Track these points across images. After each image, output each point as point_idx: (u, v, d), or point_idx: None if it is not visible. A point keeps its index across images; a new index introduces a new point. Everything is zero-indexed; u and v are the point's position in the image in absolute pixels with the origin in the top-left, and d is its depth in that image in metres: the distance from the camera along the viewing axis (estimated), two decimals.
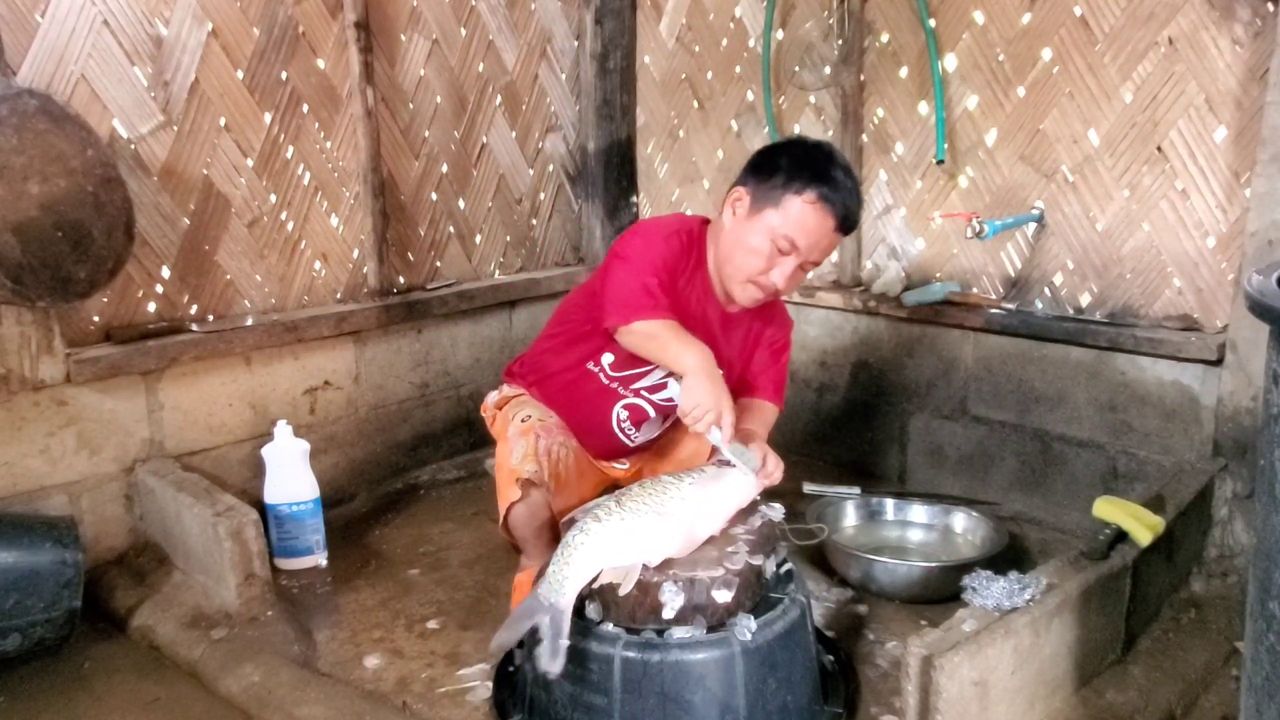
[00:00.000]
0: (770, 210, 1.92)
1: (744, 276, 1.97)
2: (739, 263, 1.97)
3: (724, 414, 1.82)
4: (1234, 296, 2.30)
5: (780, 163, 1.94)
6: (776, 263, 1.94)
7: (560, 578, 1.62)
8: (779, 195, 1.91)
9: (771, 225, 1.92)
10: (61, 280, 2.06)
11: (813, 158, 1.94)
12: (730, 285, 2.02)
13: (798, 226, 1.91)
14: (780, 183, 1.91)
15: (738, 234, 1.97)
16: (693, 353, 1.87)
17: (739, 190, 1.98)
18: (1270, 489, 1.15)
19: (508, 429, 2.14)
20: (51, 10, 2.19)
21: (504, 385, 2.34)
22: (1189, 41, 2.29)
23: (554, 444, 2.08)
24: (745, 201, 1.96)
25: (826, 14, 2.90)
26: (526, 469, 2.01)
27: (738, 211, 1.98)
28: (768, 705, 1.64)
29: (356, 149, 2.77)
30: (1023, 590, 1.71)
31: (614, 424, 2.20)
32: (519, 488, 2.00)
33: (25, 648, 2.00)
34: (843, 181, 1.93)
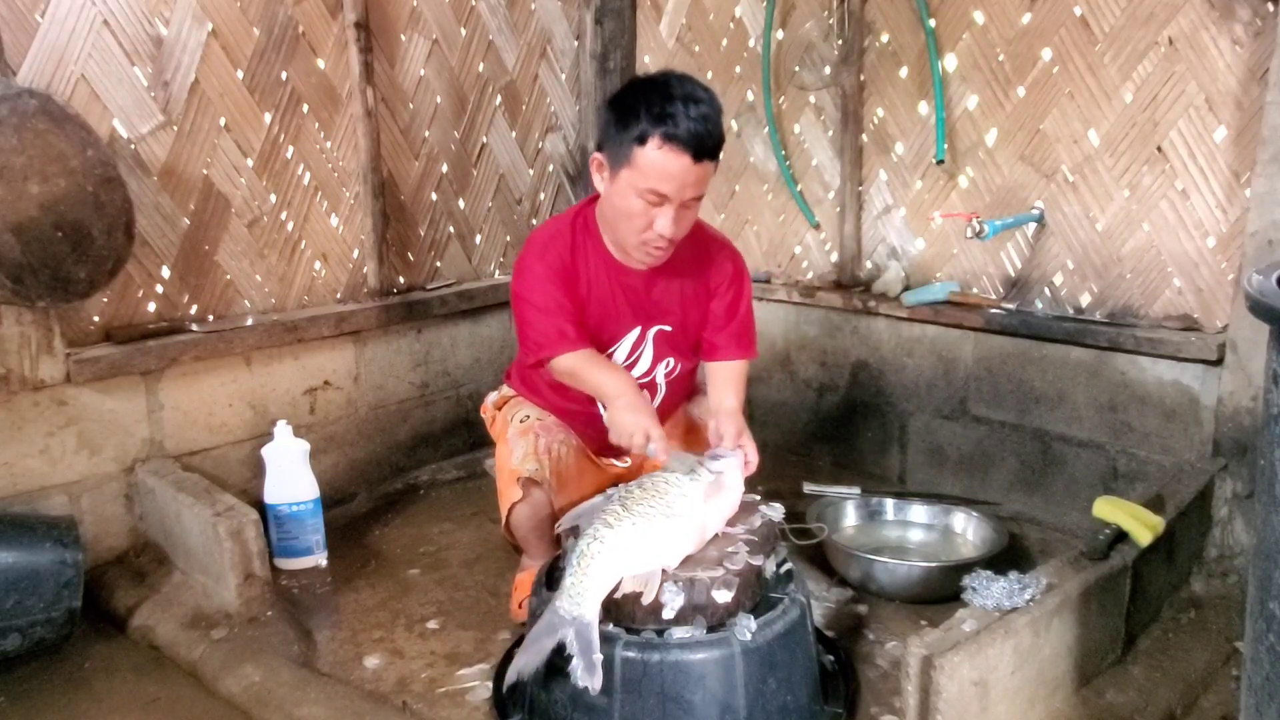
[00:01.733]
0: (625, 170, 1.85)
1: (633, 240, 1.93)
2: (621, 229, 1.93)
3: (650, 430, 1.83)
4: (1234, 296, 2.30)
5: (620, 115, 1.84)
6: (654, 215, 1.87)
7: (580, 590, 1.56)
8: (627, 152, 1.83)
9: (632, 184, 1.84)
10: (61, 280, 2.06)
11: (647, 99, 1.82)
12: (627, 252, 1.98)
13: (657, 177, 1.82)
14: (625, 139, 1.82)
15: (609, 202, 1.92)
16: (610, 381, 1.91)
17: (596, 156, 1.92)
18: (1270, 489, 1.15)
19: (507, 430, 2.14)
20: (51, 10, 2.19)
21: (503, 386, 2.35)
22: (1189, 41, 2.29)
23: (554, 442, 2.08)
24: (605, 165, 1.90)
25: (826, 14, 2.90)
26: (527, 468, 2.01)
27: (603, 177, 1.92)
28: (768, 705, 1.64)
29: (356, 149, 2.77)
30: (1023, 590, 1.71)
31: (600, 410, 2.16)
32: (520, 487, 2.00)
33: (25, 648, 2.00)
34: (683, 112, 1.80)
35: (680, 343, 2.15)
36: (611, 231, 1.99)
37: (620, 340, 2.11)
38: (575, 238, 2.04)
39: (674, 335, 2.13)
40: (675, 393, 2.25)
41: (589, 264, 2.04)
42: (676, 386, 2.24)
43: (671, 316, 2.10)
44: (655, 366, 2.16)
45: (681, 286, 2.10)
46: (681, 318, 2.12)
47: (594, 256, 2.05)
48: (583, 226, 2.06)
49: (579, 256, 2.04)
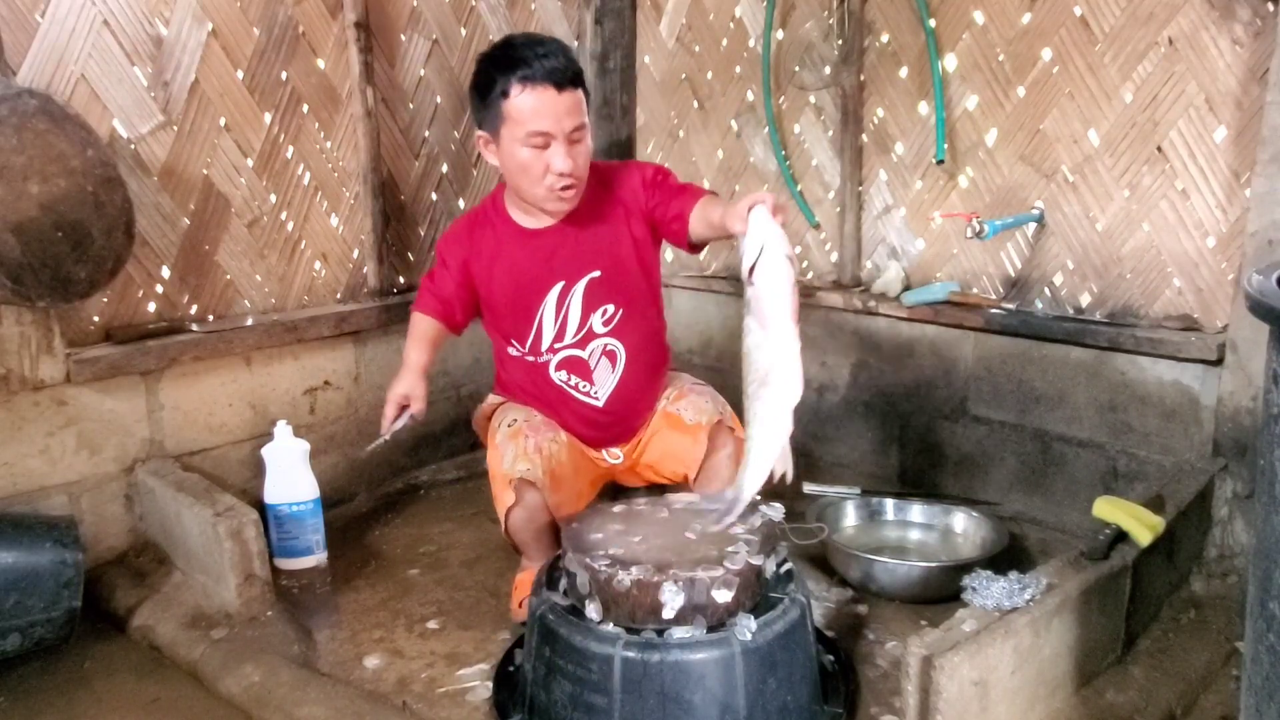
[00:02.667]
0: (504, 128, 1.96)
1: (539, 190, 2.00)
2: (525, 184, 2.01)
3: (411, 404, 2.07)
4: (1234, 296, 2.30)
5: (480, 86, 2.00)
6: (548, 159, 1.95)
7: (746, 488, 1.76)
8: (498, 111, 1.95)
9: (514, 136, 1.95)
10: (61, 280, 2.06)
11: (495, 61, 1.97)
12: (542, 206, 2.06)
13: (530, 116, 1.92)
14: (491, 102, 1.96)
15: (506, 167, 2.03)
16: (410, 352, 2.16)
17: (478, 134, 2.06)
18: (1270, 489, 1.15)
19: (495, 437, 2.14)
20: (51, 10, 2.19)
21: (490, 395, 2.36)
22: (1189, 41, 2.29)
23: (543, 440, 2.07)
24: (488, 138, 2.03)
25: (826, 14, 2.90)
26: (519, 469, 2.01)
27: (490, 149, 2.04)
28: (768, 705, 1.64)
29: (356, 149, 2.78)
30: (1023, 590, 1.71)
31: (567, 390, 2.19)
32: (513, 491, 2.00)
33: (25, 648, 2.00)
34: (532, 54, 1.93)
35: (616, 284, 2.15)
36: (520, 194, 2.07)
37: (544, 300, 2.14)
38: (480, 216, 2.20)
39: (606, 278, 2.14)
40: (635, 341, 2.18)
41: (494, 236, 2.16)
42: (629, 333, 2.17)
43: (600, 260, 2.13)
44: (588, 317, 2.15)
45: (598, 230, 2.13)
46: (611, 260, 2.14)
47: (500, 229, 2.16)
48: (490, 206, 2.20)
49: (481, 232, 2.17)
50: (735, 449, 2.10)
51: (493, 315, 2.22)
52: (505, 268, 2.13)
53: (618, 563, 1.65)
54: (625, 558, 1.67)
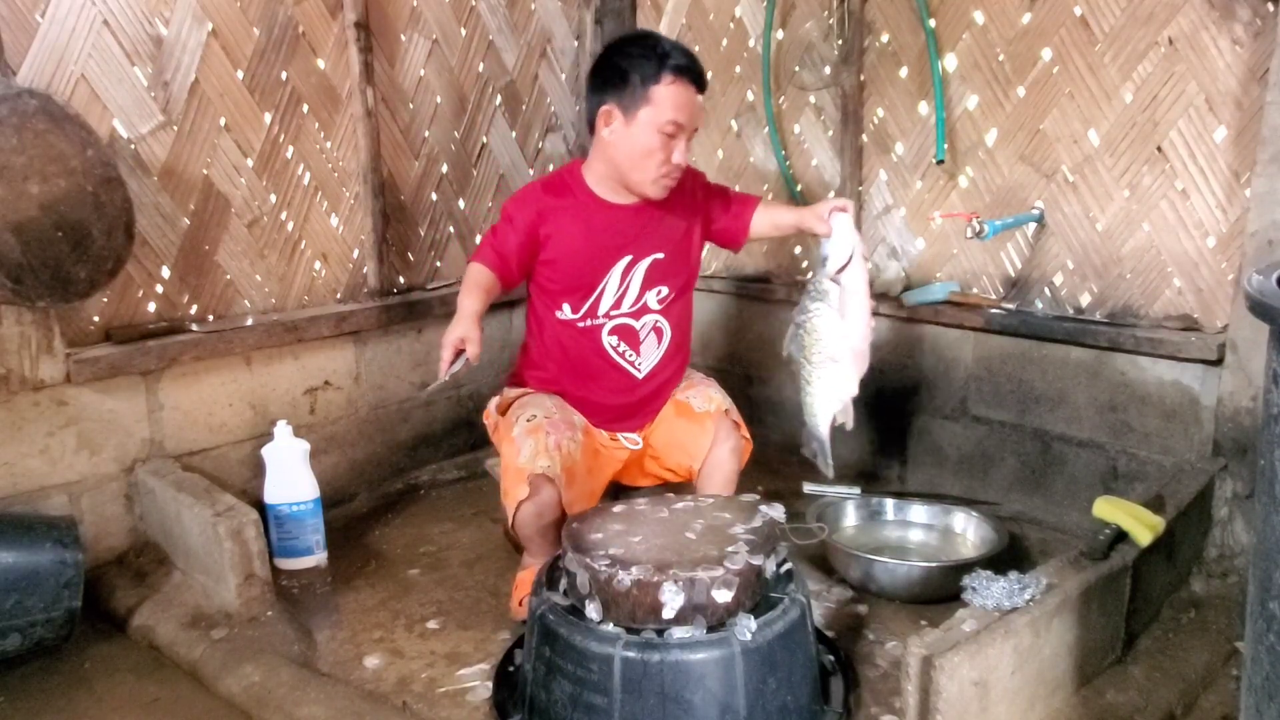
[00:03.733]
0: (644, 110, 2.07)
1: (651, 176, 2.13)
2: (640, 167, 2.12)
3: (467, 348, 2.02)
4: (1234, 296, 2.30)
5: (626, 66, 2.09)
6: (672, 148, 2.10)
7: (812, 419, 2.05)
8: (644, 92, 2.07)
9: (653, 121, 2.07)
10: (61, 280, 2.06)
11: (648, 46, 2.10)
12: (643, 189, 2.17)
13: (674, 108, 2.07)
14: (638, 82, 2.07)
15: (626, 144, 2.12)
16: (465, 300, 2.10)
17: (605, 108, 2.12)
18: (1270, 489, 1.15)
19: (512, 430, 2.14)
20: (51, 10, 2.19)
21: (505, 389, 2.35)
22: (1189, 41, 2.29)
23: (563, 438, 2.10)
24: (616, 114, 2.11)
25: (826, 14, 2.90)
26: (539, 464, 2.03)
27: (614, 126, 2.12)
28: (768, 705, 1.64)
29: (356, 149, 2.78)
30: (1023, 590, 1.71)
31: (613, 355, 2.26)
32: (528, 485, 2.01)
33: (25, 648, 2.00)
34: (675, 49, 2.11)
35: (674, 268, 2.29)
36: (628, 173, 2.15)
37: (611, 269, 2.23)
38: (557, 183, 2.26)
39: (667, 262, 2.27)
40: (679, 331, 2.34)
41: (572, 203, 2.23)
42: (676, 314, 2.32)
43: (665, 245, 2.27)
44: (645, 293, 2.26)
45: (666, 217, 2.27)
46: (674, 245, 2.29)
47: (580, 197, 2.23)
48: (567, 175, 2.28)
49: (557, 198, 2.23)
50: (738, 444, 2.25)
51: (553, 276, 2.24)
52: (580, 232, 2.21)
53: (618, 563, 1.65)
54: (625, 558, 1.67)
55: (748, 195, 2.41)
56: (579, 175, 2.26)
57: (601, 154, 2.19)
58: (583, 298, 2.23)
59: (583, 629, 1.65)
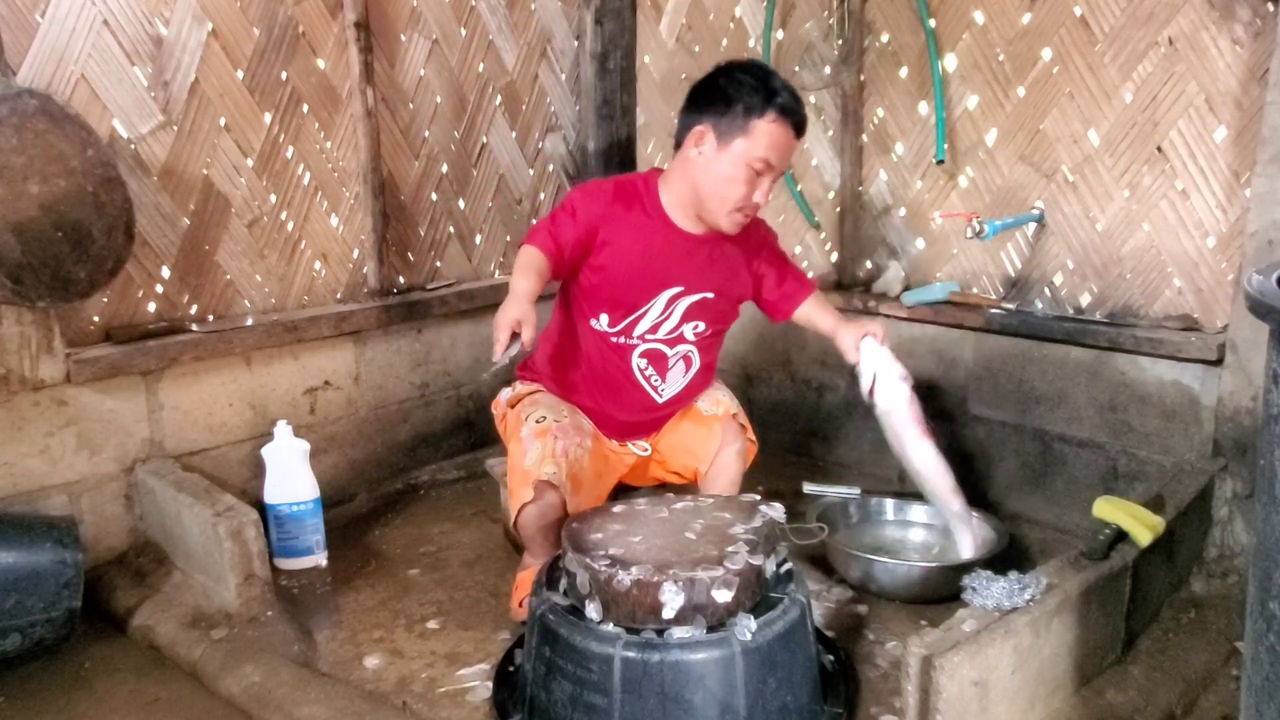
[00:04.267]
0: (739, 139, 2.01)
1: (729, 207, 2.07)
2: (722, 194, 2.06)
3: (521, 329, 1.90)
4: (1234, 296, 2.30)
5: (731, 92, 2.02)
6: (756, 185, 2.05)
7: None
8: (744, 123, 2.00)
9: (745, 153, 2.01)
10: (61, 280, 2.06)
11: (759, 78, 2.03)
12: (716, 220, 2.11)
13: (769, 147, 2.02)
14: (740, 111, 2.00)
15: (712, 170, 2.05)
16: (520, 281, 2.00)
17: (699, 128, 2.05)
18: (1270, 489, 1.15)
19: (520, 429, 2.14)
20: (51, 10, 2.19)
21: (517, 383, 2.34)
22: (1189, 41, 2.29)
23: (571, 445, 2.09)
24: (710, 137, 2.04)
25: (826, 14, 2.90)
26: (545, 471, 2.02)
27: (704, 149, 2.05)
28: (768, 705, 1.64)
29: (356, 149, 2.78)
30: (1023, 590, 1.71)
31: (638, 377, 2.22)
32: (533, 489, 2.01)
33: (25, 648, 2.00)
34: (786, 89, 2.05)
35: (715, 310, 2.25)
36: (706, 199, 2.09)
37: (658, 295, 2.17)
38: (629, 190, 2.18)
39: (713, 303, 2.23)
40: (707, 362, 2.30)
41: (641, 215, 2.15)
42: (708, 355, 2.30)
43: (717, 287, 2.22)
44: (682, 325, 2.22)
45: (725, 259, 2.23)
46: (724, 288, 2.24)
47: (649, 211, 2.16)
48: (641, 185, 2.19)
49: (626, 205, 2.15)
50: (743, 447, 2.27)
51: (599, 284, 2.16)
52: (640, 249, 2.14)
53: (618, 563, 1.65)
54: (625, 558, 1.67)
55: (804, 279, 2.35)
56: (654, 189, 2.18)
57: (683, 174, 2.12)
58: (623, 314, 2.18)
59: (583, 629, 1.65)
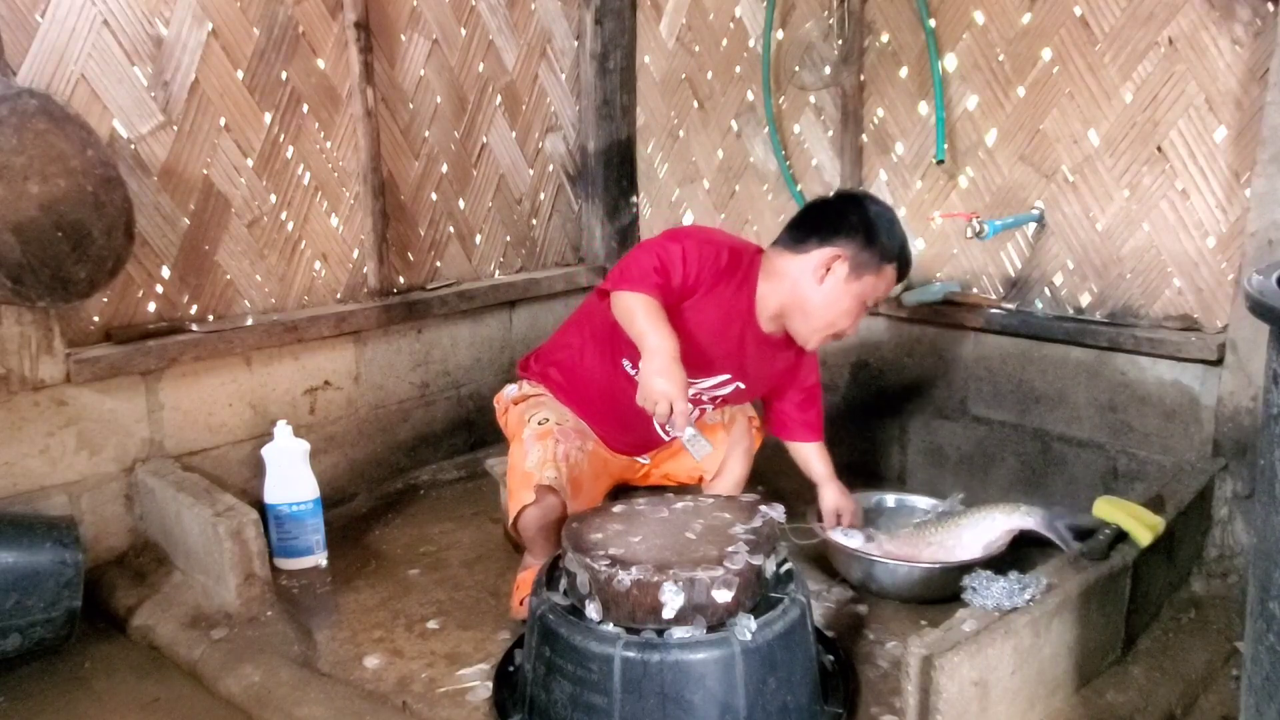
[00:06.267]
0: (870, 277, 2.05)
1: (830, 331, 2.10)
2: (831, 319, 2.07)
3: (675, 401, 1.86)
4: (1234, 296, 2.30)
5: (877, 232, 2.04)
6: (851, 318, 2.09)
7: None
8: (879, 265, 2.05)
9: (870, 290, 2.07)
10: (61, 280, 2.06)
11: (892, 222, 2.09)
12: (807, 337, 2.12)
13: (887, 288, 2.10)
14: (879, 251, 2.04)
15: (833, 295, 2.05)
16: (658, 334, 1.90)
17: (834, 251, 2.03)
18: (1270, 489, 1.15)
19: (522, 430, 2.14)
20: (51, 10, 2.19)
21: (523, 382, 2.34)
22: (1189, 41, 2.29)
23: (571, 449, 2.10)
24: (845, 263, 2.03)
25: (826, 14, 2.90)
26: (546, 475, 2.03)
27: (836, 272, 2.04)
28: (768, 705, 1.64)
29: (356, 149, 2.77)
30: (1023, 590, 1.71)
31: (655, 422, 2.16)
32: (534, 491, 2.01)
33: (25, 648, 2.00)
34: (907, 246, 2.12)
35: (746, 396, 2.31)
36: (811, 316, 2.08)
37: (712, 376, 2.18)
38: (735, 270, 2.09)
39: (745, 393, 2.28)
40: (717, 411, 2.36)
41: (731, 299, 2.10)
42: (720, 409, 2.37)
43: (760, 382, 2.27)
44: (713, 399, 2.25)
45: (775, 364, 2.26)
46: (765, 384, 2.31)
47: (742, 299, 2.11)
48: (748, 269, 2.11)
49: (726, 284, 2.08)
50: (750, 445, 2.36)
51: None
52: (719, 330, 2.10)
53: (618, 563, 1.65)
54: (625, 558, 1.67)
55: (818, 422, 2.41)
56: (754, 274, 2.11)
57: (792, 282, 2.07)
58: None
59: (583, 629, 1.65)
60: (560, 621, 1.68)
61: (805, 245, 2.06)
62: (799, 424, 2.38)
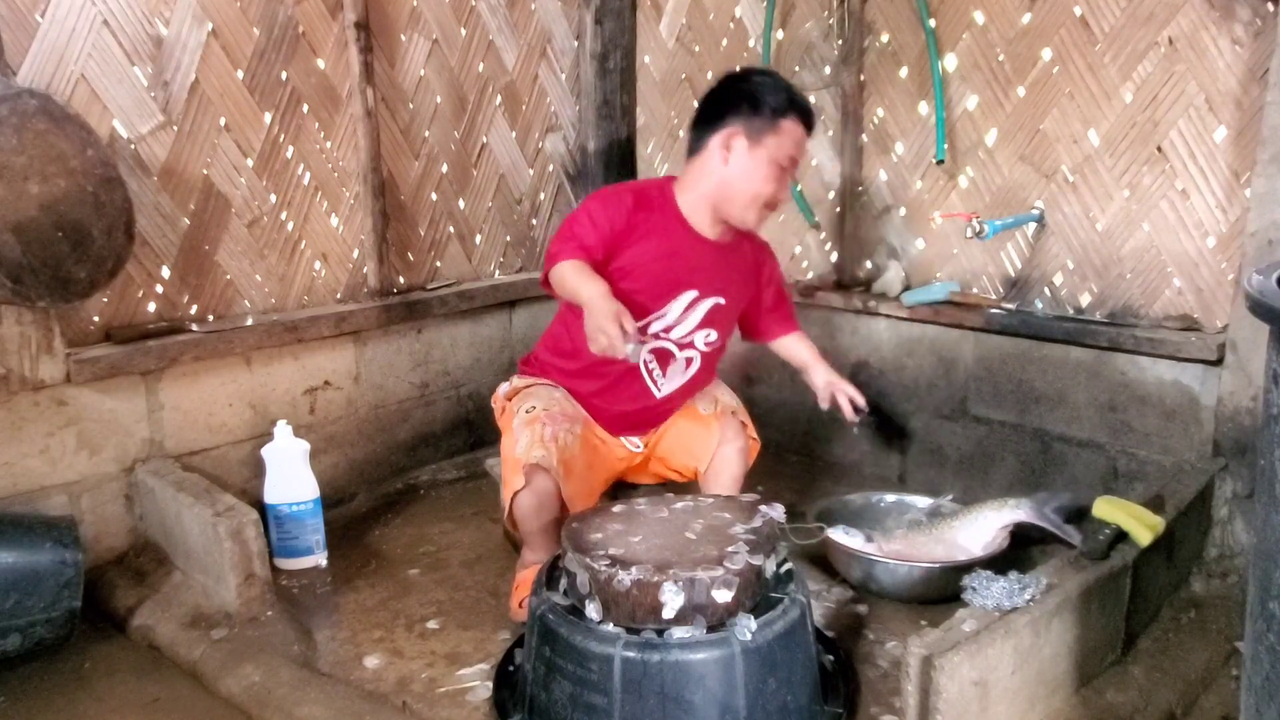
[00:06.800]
0: (771, 138, 2.11)
1: (757, 203, 2.16)
2: (755, 191, 2.15)
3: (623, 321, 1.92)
4: (1234, 296, 2.30)
5: (756, 94, 2.13)
6: (783, 181, 2.17)
7: None
8: (773, 123, 2.11)
9: (776, 151, 2.12)
10: (61, 280, 2.06)
11: (776, 81, 2.18)
12: (744, 218, 2.19)
13: (795, 144, 2.15)
14: (769, 112, 2.11)
15: (745, 168, 2.13)
16: (587, 285, 2.00)
17: (729, 129, 2.13)
18: (1270, 489, 1.15)
19: (513, 420, 2.15)
20: (51, 10, 2.19)
21: (515, 377, 2.36)
22: (1189, 41, 2.29)
23: (560, 430, 2.11)
24: (741, 137, 2.12)
25: (826, 14, 2.90)
26: (534, 454, 2.04)
27: (736, 148, 2.13)
28: (768, 705, 1.64)
29: (356, 149, 2.78)
30: (1023, 590, 1.71)
31: (644, 370, 2.26)
32: (523, 474, 2.02)
33: (25, 648, 2.00)
34: (799, 93, 2.19)
35: (726, 318, 2.33)
36: (734, 195, 2.16)
37: (675, 298, 2.22)
38: (647, 197, 2.21)
39: (725, 309, 2.30)
40: (708, 364, 2.35)
41: (661, 221, 2.20)
42: (710, 359, 2.35)
43: (729, 292, 2.29)
44: (696, 332, 2.27)
45: (738, 268, 2.31)
46: (734, 290, 2.31)
47: (669, 218, 2.21)
48: (657, 192, 2.24)
49: (646, 212, 2.19)
50: (745, 445, 2.30)
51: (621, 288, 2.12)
52: (663, 253, 2.19)
53: (618, 563, 1.65)
54: (625, 558, 1.67)
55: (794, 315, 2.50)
56: (671, 195, 2.23)
57: (706, 176, 2.17)
58: (640, 315, 2.18)
59: (583, 629, 1.65)
60: (560, 621, 1.68)
61: (702, 142, 2.17)
62: (773, 321, 2.46)
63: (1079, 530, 1.97)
